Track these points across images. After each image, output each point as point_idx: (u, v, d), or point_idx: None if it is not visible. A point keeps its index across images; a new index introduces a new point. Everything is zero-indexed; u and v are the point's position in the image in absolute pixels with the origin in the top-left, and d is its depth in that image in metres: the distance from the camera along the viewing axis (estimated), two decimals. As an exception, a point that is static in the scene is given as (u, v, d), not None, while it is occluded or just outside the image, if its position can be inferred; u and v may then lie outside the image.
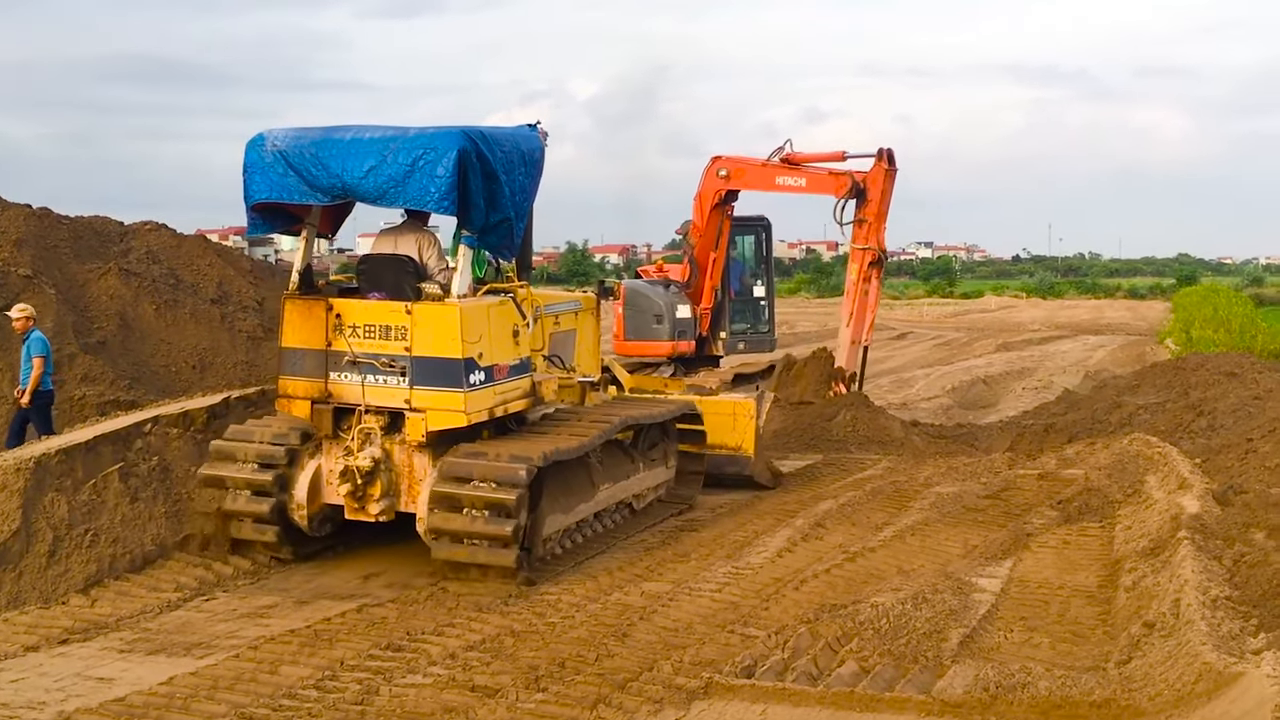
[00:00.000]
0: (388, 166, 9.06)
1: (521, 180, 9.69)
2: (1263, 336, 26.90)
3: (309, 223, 9.92)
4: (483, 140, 9.23)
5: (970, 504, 11.58)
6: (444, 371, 9.07)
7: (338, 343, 9.30)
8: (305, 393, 9.44)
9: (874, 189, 15.64)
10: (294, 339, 9.49)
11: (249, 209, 9.60)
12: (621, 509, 10.88)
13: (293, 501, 9.42)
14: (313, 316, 9.41)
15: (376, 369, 9.20)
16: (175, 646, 7.41)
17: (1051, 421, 16.43)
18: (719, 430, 12.35)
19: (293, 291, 9.71)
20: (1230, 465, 11.27)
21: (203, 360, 13.45)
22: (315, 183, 9.27)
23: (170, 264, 14.65)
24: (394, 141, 9.13)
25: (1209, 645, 6.11)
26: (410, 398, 9.14)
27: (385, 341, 9.20)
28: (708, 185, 16.40)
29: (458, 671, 6.81)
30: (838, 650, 7.09)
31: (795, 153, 16.29)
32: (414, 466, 9.33)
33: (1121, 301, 74.02)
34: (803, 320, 47.65)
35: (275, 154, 9.35)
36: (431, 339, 9.09)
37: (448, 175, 8.92)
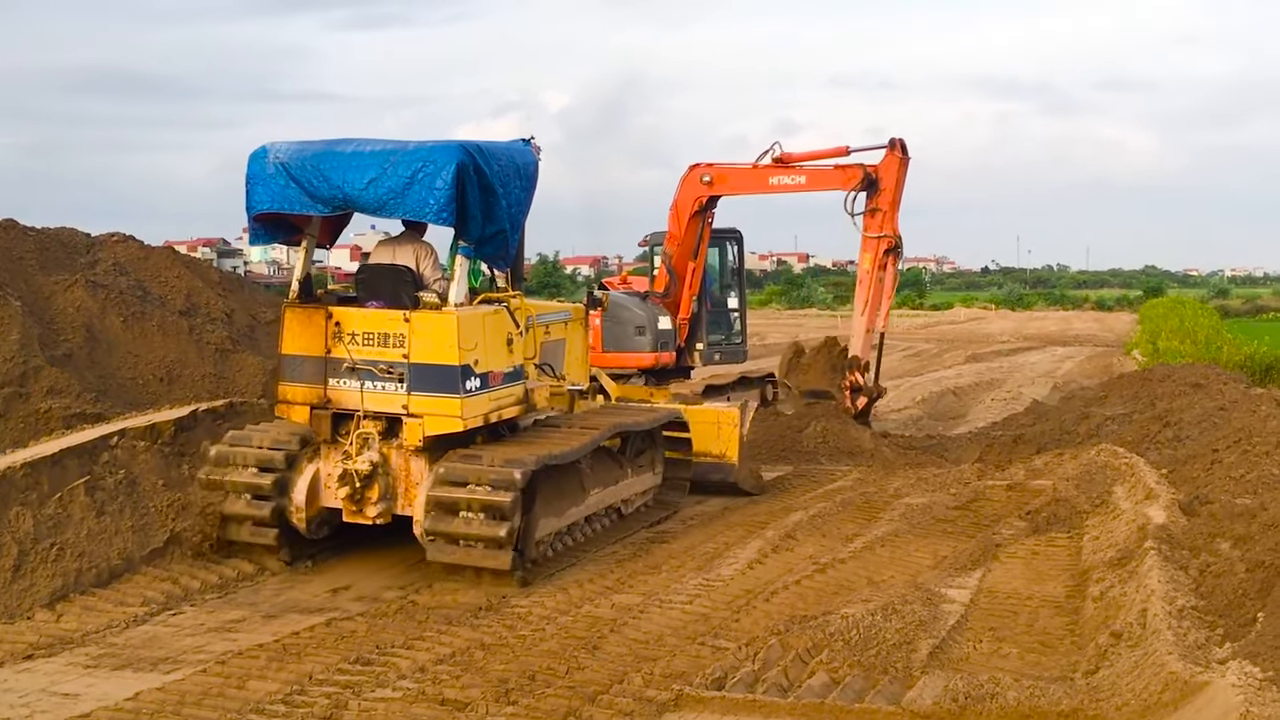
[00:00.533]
0: (388, 179, 9.31)
1: (516, 193, 10.00)
2: (1228, 348, 27.14)
3: (309, 233, 10.16)
4: (480, 154, 9.51)
5: (940, 515, 11.63)
6: (441, 378, 9.33)
7: (337, 350, 9.57)
8: (304, 398, 9.68)
9: (888, 177, 15.57)
10: (294, 346, 9.73)
11: (251, 219, 9.84)
12: (610, 513, 11.14)
13: (291, 505, 9.65)
14: (312, 324, 9.67)
15: (375, 375, 9.47)
16: (141, 661, 7.35)
17: (1020, 432, 16.52)
18: (704, 439, 12.66)
19: (293, 300, 9.95)
20: (1196, 475, 11.36)
21: (170, 373, 13.34)
22: (316, 194, 9.53)
23: (138, 276, 14.53)
24: (394, 154, 9.39)
25: (1175, 655, 6.16)
26: (408, 403, 9.40)
27: (384, 349, 9.47)
28: (687, 193, 16.28)
29: (427, 685, 6.78)
30: (808, 662, 7.11)
31: (789, 153, 16.10)
32: (411, 471, 9.59)
33: (1089, 313, 74.57)
34: (774, 332, 47.76)
35: (277, 166, 9.60)
36: (429, 346, 9.36)
37: (446, 187, 9.19)
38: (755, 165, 16.08)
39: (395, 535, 9.77)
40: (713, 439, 12.81)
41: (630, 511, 11.49)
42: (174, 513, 9.74)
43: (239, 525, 9.65)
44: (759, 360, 29.06)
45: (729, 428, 12.94)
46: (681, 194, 16.34)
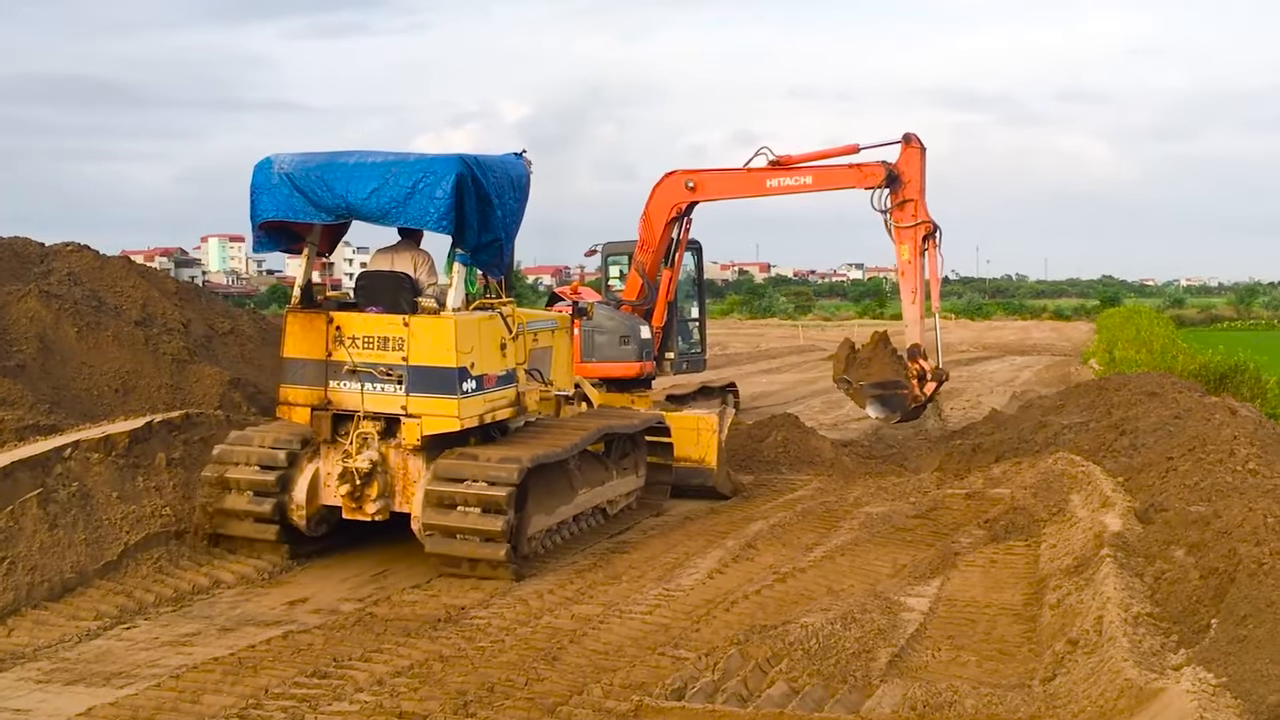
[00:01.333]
0: (389, 188, 9.74)
1: (510, 204, 10.40)
2: (1183, 357, 27.41)
3: (310, 241, 10.55)
4: (477, 166, 9.93)
5: (899, 524, 11.68)
6: (439, 379, 9.76)
7: (338, 353, 10.00)
8: (305, 400, 10.09)
9: (911, 170, 15.46)
10: (295, 350, 10.15)
11: (255, 227, 10.29)
12: (597, 513, 11.56)
13: (292, 502, 10.02)
14: (313, 329, 10.07)
15: (375, 377, 9.90)
16: (94, 676, 7.24)
17: (979, 441, 16.61)
18: (683, 444, 13.13)
19: (295, 305, 10.36)
20: (1151, 483, 11.46)
21: (126, 384, 13.20)
22: (320, 203, 9.96)
23: (93, 286, 14.39)
24: (395, 165, 9.85)
25: (1130, 662, 6.20)
26: (406, 404, 9.83)
27: (383, 352, 9.90)
28: (664, 199, 16.12)
29: (385, 698, 6.73)
30: (768, 671, 7.10)
31: (788, 155, 15.88)
32: (409, 469, 9.99)
33: (1047, 323, 75.28)
34: (735, 341, 47.89)
35: (282, 176, 10.02)
36: (427, 349, 9.79)
37: (446, 197, 9.62)
38: (749, 170, 15.88)
39: (380, 536, 9.72)
40: (692, 444, 13.25)
41: (615, 512, 11.89)
42: (129, 525, 9.62)
43: (240, 521, 9.97)
44: (721, 370, 29.13)
45: (708, 433, 13.34)
46: (656, 201, 16.20)
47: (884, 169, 15.42)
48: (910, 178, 15.43)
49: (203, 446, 10.90)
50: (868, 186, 15.53)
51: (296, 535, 10.12)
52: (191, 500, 10.27)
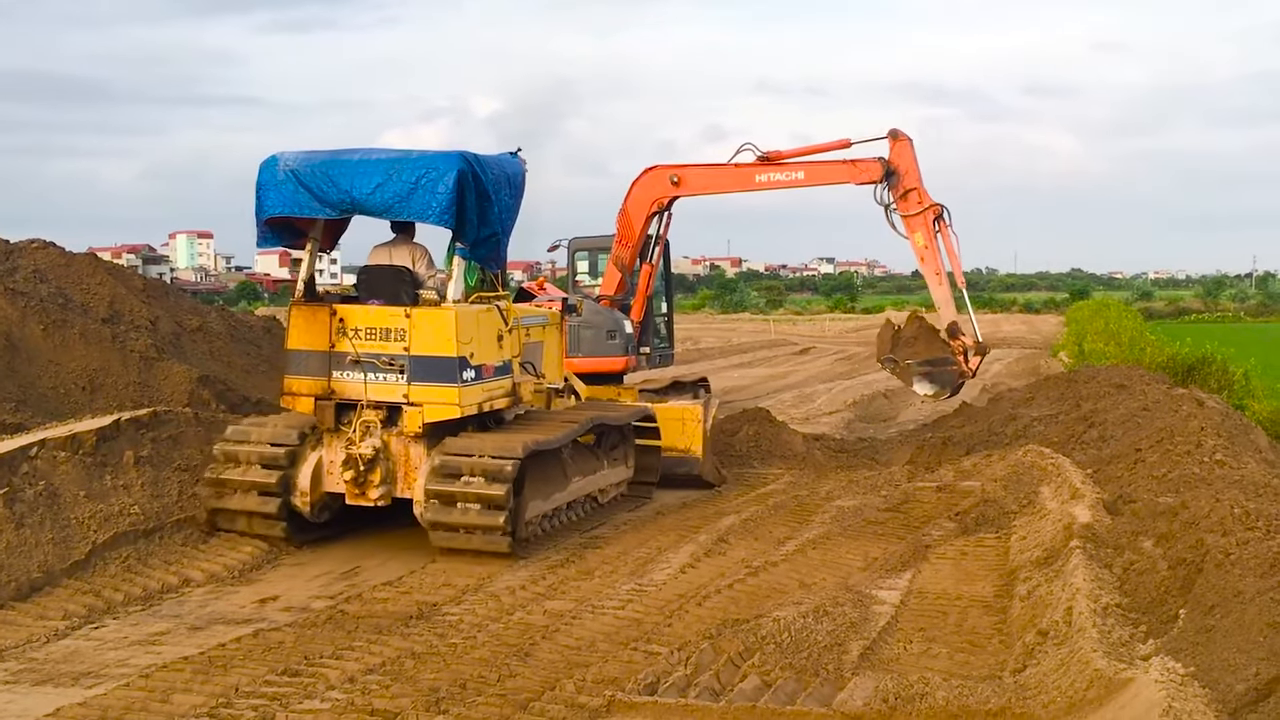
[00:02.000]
0: (393, 184, 10.13)
1: (506, 200, 10.79)
2: (1151, 349, 27.62)
3: (312, 236, 10.93)
4: (476, 163, 10.32)
5: (871, 517, 11.72)
6: (440, 369, 10.15)
7: (340, 344, 10.35)
8: (309, 390, 10.46)
9: (905, 162, 15.49)
10: (299, 341, 10.53)
11: (261, 223, 10.58)
12: (589, 501, 11.93)
13: (296, 489, 10.36)
14: (317, 321, 10.45)
15: (377, 367, 10.26)
16: (63, 676, 7.17)
17: (949, 434, 16.69)
18: (669, 434, 13.43)
19: (298, 299, 10.75)
20: (1120, 475, 11.54)
21: (93, 381, 13.09)
22: (325, 198, 10.32)
23: (59, 283, 14.26)
24: (398, 162, 10.23)
25: (1100, 652, 6.24)
26: (408, 393, 10.20)
27: (385, 342, 10.27)
28: (644, 194, 16.07)
29: (356, 696, 6.70)
30: (740, 665, 7.11)
31: (777, 150, 15.85)
32: (410, 456, 10.34)
33: (1017, 315, 75.64)
34: (707, 336, 47.92)
35: (287, 173, 10.37)
36: (429, 339, 10.16)
37: (448, 192, 10.03)
38: (737, 165, 15.81)
39: (353, 534, 9.63)
40: (678, 434, 13.56)
41: (606, 501, 12.26)
42: (97, 524, 9.54)
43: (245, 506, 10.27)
44: (693, 364, 29.16)
45: (693, 424, 13.69)
46: (636, 196, 16.15)
47: (880, 164, 15.41)
48: (906, 169, 15.46)
49: (171, 444, 10.84)
50: (862, 182, 15.54)
51: (300, 521, 10.44)
52: (161, 499, 10.21)
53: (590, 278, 17.76)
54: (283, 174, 10.42)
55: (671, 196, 16.18)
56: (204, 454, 11.10)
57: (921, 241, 15.64)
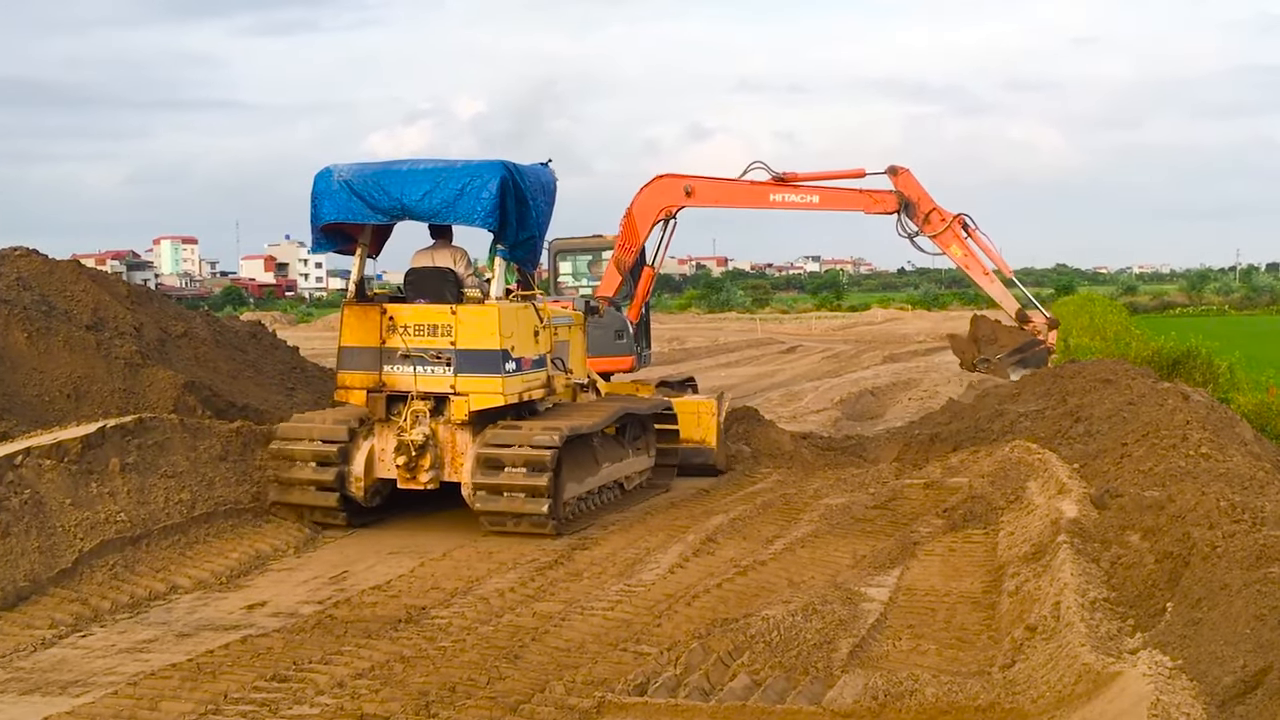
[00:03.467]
0: (440, 191, 11.01)
1: (542, 206, 11.69)
2: (1136, 343, 27.69)
3: (362, 242, 11.85)
4: (516, 171, 11.20)
5: (859, 515, 11.73)
6: (484, 361, 11.08)
7: (391, 340, 11.23)
8: (362, 383, 11.36)
9: (914, 190, 16.29)
10: (352, 339, 11.43)
11: (316, 229, 11.50)
12: (616, 487, 12.78)
13: (351, 475, 11.25)
14: (368, 319, 11.35)
15: (426, 361, 11.17)
16: (50, 685, 7.15)
17: (937, 431, 16.72)
18: (685, 426, 14.30)
19: (351, 299, 11.67)
20: (1106, 469, 11.58)
21: (78, 389, 13.02)
22: (377, 205, 11.21)
23: (42, 290, 14.18)
24: (445, 171, 11.13)
25: (1088, 647, 6.26)
26: (455, 383, 11.12)
27: (433, 338, 11.19)
28: (653, 201, 16.42)
29: (346, 700, 6.68)
30: (729, 664, 7.12)
31: (792, 172, 16.36)
32: (456, 442, 11.25)
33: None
34: (693, 336, 47.95)
35: (341, 183, 11.26)
36: (473, 334, 11.09)
37: (491, 197, 10.90)
38: (752, 183, 16.36)
39: (342, 541, 9.60)
40: (693, 426, 14.40)
41: (631, 488, 13.12)
42: (83, 532, 9.51)
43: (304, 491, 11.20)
44: (680, 364, 29.17)
45: (708, 416, 14.54)
46: (644, 202, 16.47)
47: (896, 197, 16.20)
48: (918, 195, 16.33)
49: (157, 451, 10.81)
50: (876, 211, 16.36)
51: (355, 506, 11.35)
52: (148, 505, 10.20)
53: (573, 279, 17.84)
54: (337, 184, 11.24)
55: (681, 206, 16.55)
56: (190, 460, 11.09)
57: (959, 253, 16.65)
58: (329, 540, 11.06)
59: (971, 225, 16.61)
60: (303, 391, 16.46)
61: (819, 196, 16.44)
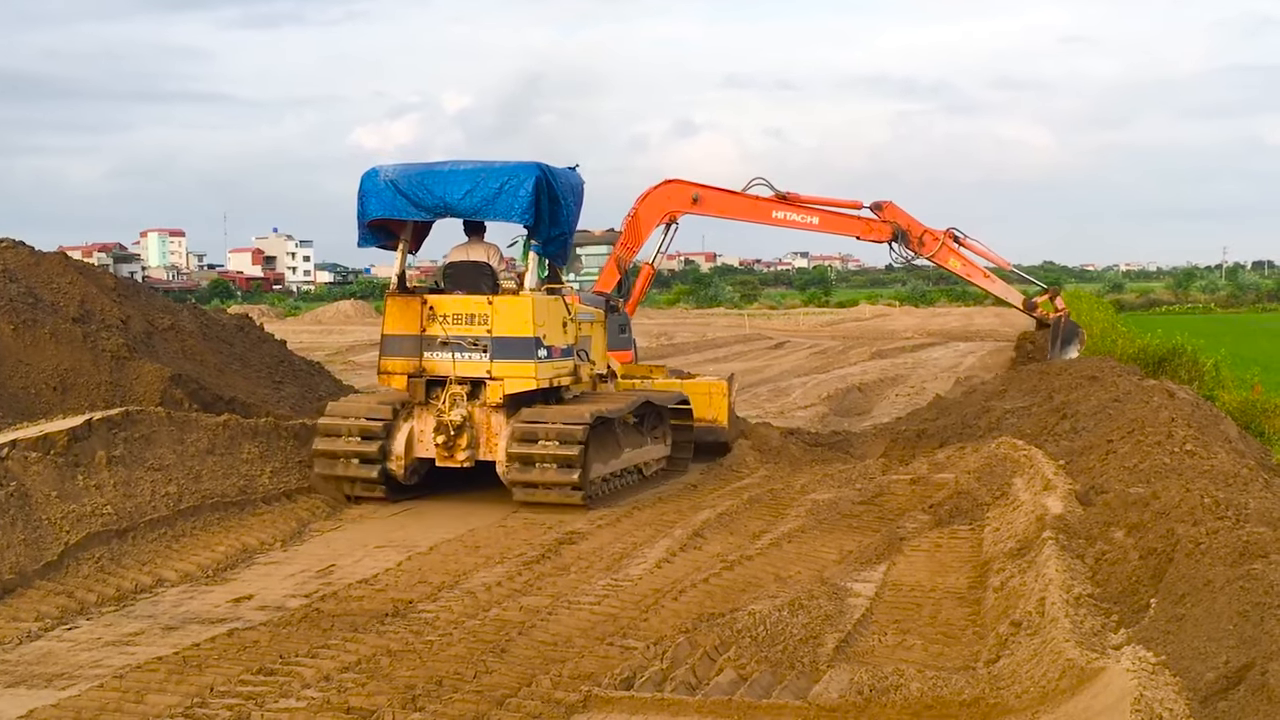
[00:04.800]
0: (481, 189, 11.82)
1: (571, 205, 12.46)
2: (1122, 341, 27.80)
3: (404, 238, 12.68)
4: (549, 172, 12.00)
5: (845, 510, 11.75)
6: (519, 347, 11.93)
7: (431, 329, 12.05)
8: (403, 369, 12.17)
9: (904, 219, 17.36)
10: (394, 327, 12.25)
11: (363, 225, 12.31)
12: (636, 472, 13.50)
13: (392, 453, 12.10)
14: (409, 309, 12.17)
15: (463, 347, 11.99)
16: (36, 678, 7.13)
17: (924, 427, 16.77)
18: (698, 406, 14.86)
19: (393, 290, 12.50)
20: (1092, 466, 11.62)
21: (64, 381, 13.00)
22: (421, 203, 12.01)
23: (28, 282, 14.14)
24: (484, 171, 11.93)
25: (1072, 642, 6.28)
26: (491, 369, 11.96)
27: (470, 326, 12.02)
28: (660, 204, 16.90)
29: (332, 694, 6.68)
30: (716, 659, 7.13)
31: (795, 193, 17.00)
32: (491, 424, 12.09)
33: (990, 309, 75.75)
34: (681, 331, 47.97)
35: (387, 182, 12.07)
36: (509, 322, 11.93)
37: (528, 195, 11.70)
38: (756, 198, 17.05)
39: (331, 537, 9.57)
40: (706, 406, 15.03)
41: (649, 474, 13.82)
42: (69, 524, 9.49)
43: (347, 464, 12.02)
44: (668, 359, 29.15)
45: (719, 396, 15.28)
46: (651, 204, 16.92)
47: (890, 226, 17.16)
48: (907, 223, 17.34)
49: (143, 444, 10.79)
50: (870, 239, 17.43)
51: (395, 484, 12.17)
52: (134, 498, 10.18)
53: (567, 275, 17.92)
54: (383, 183, 12.06)
55: (687, 212, 17.18)
56: (176, 454, 11.07)
57: (958, 264, 17.70)
58: (316, 534, 11.05)
59: (961, 236, 17.55)
60: (290, 385, 16.46)
61: (819, 219, 17.37)
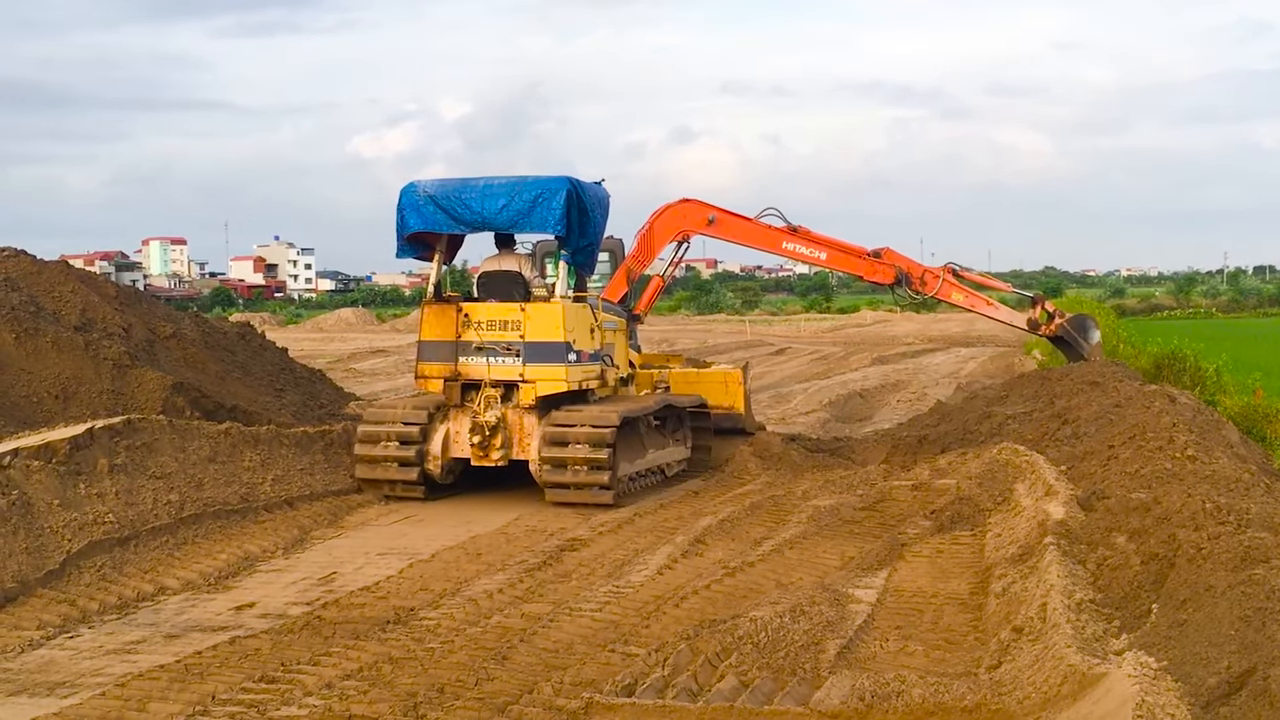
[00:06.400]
0: (516, 203, 12.42)
1: (598, 218, 13.08)
2: (1124, 346, 27.78)
3: (439, 249, 13.30)
4: (579, 185, 12.60)
5: (847, 516, 11.75)
6: (550, 351, 12.45)
7: (466, 334, 12.59)
8: (439, 373, 12.71)
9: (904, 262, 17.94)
10: (431, 333, 12.78)
11: (403, 238, 12.88)
12: (659, 471, 14.00)
13: (429, 454, 12.62)
14: (445, 316, 12.71)
15: (497, 352, 12.51)
16: (38, 686, 7.14)
17: (925, 433, 16.76)
18: (715, 394, 15.61)
19: (430, 298, 13.06)
20: (1093, 471, 11.61)
21: (66, 390, 13.02)
22: (460, 217, 12.62)
23: (30, 291, 14.17)
24: (518, 185, 12.51)
25: (1074, 648, 6.28)
26: (523, 372, 12.52)
27: (504, 332, 12.55)
28: (675, 222, 17.16)
29: (334, 702, 6.69)
30: (717, 665, 7.13)
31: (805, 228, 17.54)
32: (524, 425, 12.63)
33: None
34: (683, 338, 47.94)
35: (426, 197, 12.65)
36: (541, 328, 12.47)
37: (560, 207, 12.29)
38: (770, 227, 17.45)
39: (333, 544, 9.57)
40: (722, 394, 15.71)
41: (671, 475, 14.30)
42: (71, 533, 9.50)
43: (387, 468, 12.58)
44: (668, 366, 29.11)
45: (735, 385, 15.93)
46: (666, 220, 17.13)
47: (894, 270, 17.68)
48: (908, 266, 17.96)
49: (145, 452, 10.81)
50: (874, 280, 18.07)
51: (431, 483, 12.69)
52: (136, 506, 10.20)
53: None
54: (422, 198, 12.63)
55: (700, 232, 17.48)
56: (178, 462, 11.07)
57: (960, 298, 18.36)
58: (317, 541, 11.05)
59: (959, 269, 18.30)
60: (292, 392, 16.48)
61: (827, 254, 17.83)
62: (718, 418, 15.51)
